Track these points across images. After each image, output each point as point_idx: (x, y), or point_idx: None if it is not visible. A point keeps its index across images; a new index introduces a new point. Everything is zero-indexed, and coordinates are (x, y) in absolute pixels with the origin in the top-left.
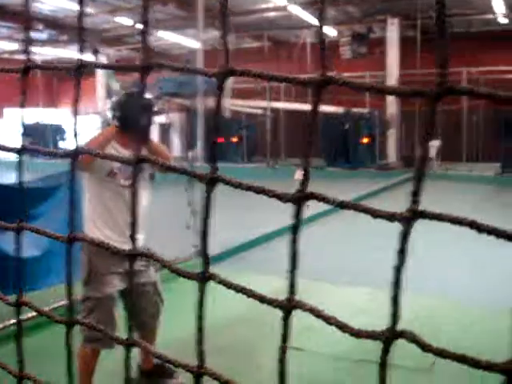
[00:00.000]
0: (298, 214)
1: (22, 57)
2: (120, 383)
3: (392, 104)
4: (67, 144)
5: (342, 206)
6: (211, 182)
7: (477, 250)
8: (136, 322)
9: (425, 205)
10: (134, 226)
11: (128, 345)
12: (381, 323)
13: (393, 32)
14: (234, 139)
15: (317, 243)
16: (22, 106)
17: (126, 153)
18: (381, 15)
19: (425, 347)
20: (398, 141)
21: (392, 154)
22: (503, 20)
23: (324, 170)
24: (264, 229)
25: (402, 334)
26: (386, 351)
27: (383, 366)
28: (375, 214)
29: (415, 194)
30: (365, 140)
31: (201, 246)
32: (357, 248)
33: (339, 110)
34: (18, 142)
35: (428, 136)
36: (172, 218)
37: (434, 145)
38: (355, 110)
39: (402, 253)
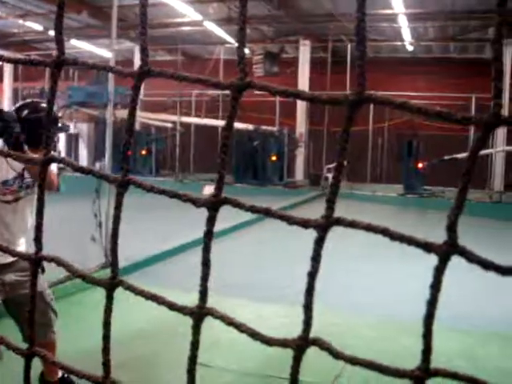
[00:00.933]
0: (211, 220)
1: None
2: None
3: (301, 123)
4: None
5: (256, 211)
6: (123, 184)
7: (387, 266)
8: (24, 334)
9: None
10: (38, 229)
11: (28, 354)
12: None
13: (304, 53)
14: (143, 152)
15: (228, 257)
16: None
17: (15, 164)
18: (293, 36)
19: (337, 355)
20: (306, 159)
21: (299, 172)
22: (410, 47)
23: (232, 186)
24: (173, 242)
25: (315, 342)
26: (297, 360)
27: (294, 375)
28: (290, 220)
29: (330, 201)
30: (273, 157)
31: (110, 251)
32: (269, 263)
33: (249, 126)
34: None
35: (344, 143)
36: (77, 230)
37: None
38: (264, 127)
39: (315, 260)
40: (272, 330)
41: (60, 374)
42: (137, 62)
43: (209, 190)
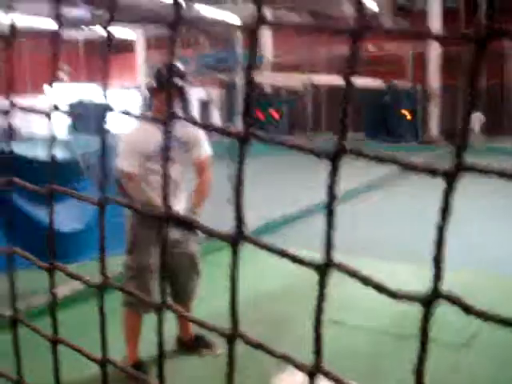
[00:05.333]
0: (334, 171)
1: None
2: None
3: (434, 77)
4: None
5: (380, 159)
6: (245, 138)
7: None
8: (171, 292)
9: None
10: (165, 187)
11: (160, 308)
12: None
13: (435, 3)
14: (275, 114)
15: (356, 219)
16: (52, 80)
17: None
18: None
19: (470, 310)
20: (440, 115)
21: (434, 128)
22: None
23: (364, 144)
24: (302, 204)
25: (446, 297)
26: (426, 316)
27: (424, 332)
28: (415, 168)
29: (460, 148)
30: (406, 114)
31: (234, 204)
32: (399, 224)
33: (381, 84)
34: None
35: (474, 85)
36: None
37: (476, 117)
38: (397, 82)
39: (445, 211)
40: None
41: (194, 333)
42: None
43: None
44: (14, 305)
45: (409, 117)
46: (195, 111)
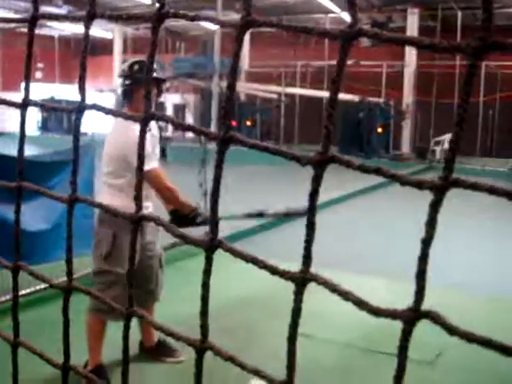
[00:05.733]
0: (317, 179)
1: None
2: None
3: (408, 94)
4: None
5: (365, 170)
6: (224, 141)
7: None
8: (138, 293)
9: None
10: (139, 188)
11: (129, 316)
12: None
13: (413, 21)
14: (248, 122)
15: (329, 230)
16: (30, 58)
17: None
18: (401, 5)
19: (451, 330)
20: (413, 131)
21: (406, 144)
22: None
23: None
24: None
25: (428, 314)
26: (406, 333)
27: (402, 349)
28: (403, 180)
29: (449, 162)
30: (379, 129)
31: (210, 210)
32: (372, 236)
33: (355, 98)
34: (34, 116)
35: (466, 97)
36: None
37: (448, 138)
38: (370, 98)
39: (430, 225)
40: (376, 303)
41: (156, 338)
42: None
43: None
44: None
45: (381, 132)
46: (170, 115)
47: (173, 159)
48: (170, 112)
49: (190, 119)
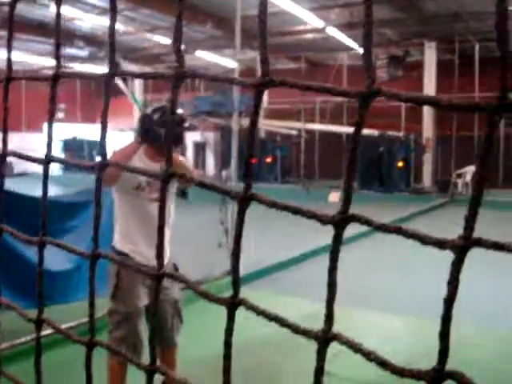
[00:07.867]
0: (338, 237)
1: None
2: None
3: (428, 128)
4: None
5: (386, 229)
6: (245, 200)
7: None
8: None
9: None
10: (160, 245)
11: (151, 371)
12: (406, 349)
13: (430, 55)
14: (268, 159)
15: (346, 267)
16: (52, 115)
17: (154, 166)
18: (418, 39)
19: None
20: (433, 165)
21: (427, 178)
22: None
23: (357, 193)
24: (297, 250)
25: (452, 375)
26: None
27: None
28: (423, 240)
29: (469, 220)
30: (399, 163)
31: (232, 268)
32: (389, 275)
33: (374, 132)
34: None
35: (486, 154)
36: (204, 236)
37: (470, 170)
38: (390, 132)
39: (452, 284)
40: (389, 340)
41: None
42: (259, 71)
43: (334, 196)
44: None
45: (402, 166)
46: (190, 153)
47: (194, 198)
48: (190, 150)
49: (210, 157)
